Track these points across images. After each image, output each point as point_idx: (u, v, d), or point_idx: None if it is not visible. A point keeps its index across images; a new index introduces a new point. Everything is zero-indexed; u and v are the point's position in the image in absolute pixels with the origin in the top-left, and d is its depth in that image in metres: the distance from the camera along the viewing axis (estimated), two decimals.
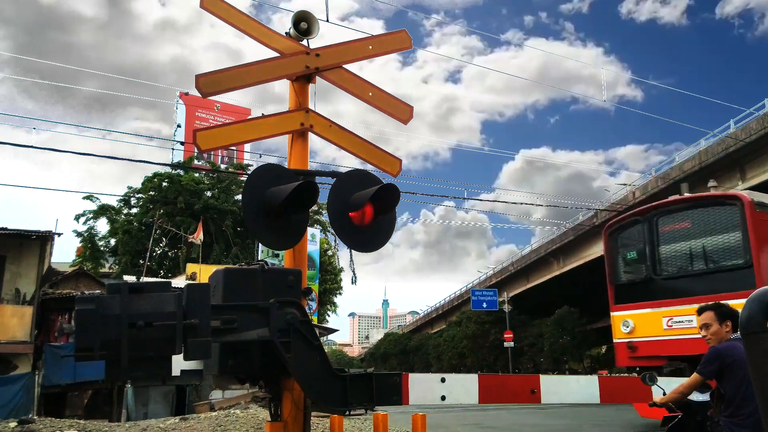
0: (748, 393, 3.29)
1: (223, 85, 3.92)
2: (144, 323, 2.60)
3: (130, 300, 2.61)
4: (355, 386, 3.23)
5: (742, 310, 1.94)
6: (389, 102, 4.56)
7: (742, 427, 3.42)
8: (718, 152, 22.64)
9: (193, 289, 2.76)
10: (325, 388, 3.19)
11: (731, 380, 3.43)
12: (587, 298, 37.65)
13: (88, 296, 2.64)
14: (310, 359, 3.13)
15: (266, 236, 3.84)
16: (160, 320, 2.63)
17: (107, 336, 2.55)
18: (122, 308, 2.58)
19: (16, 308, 16.34)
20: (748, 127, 21.55)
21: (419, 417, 4.14)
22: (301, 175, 3.77)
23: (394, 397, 3.35)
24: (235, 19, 4.12)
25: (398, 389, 3.34)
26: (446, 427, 12.47)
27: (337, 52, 4.32)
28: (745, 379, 3.29)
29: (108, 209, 29.52)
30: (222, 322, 2.87)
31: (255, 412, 11.31)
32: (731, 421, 3.47)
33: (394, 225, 4.06)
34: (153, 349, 2.65)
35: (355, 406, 3.25)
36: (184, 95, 40.07)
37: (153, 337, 2.62)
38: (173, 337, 2.64)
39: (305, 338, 3.10)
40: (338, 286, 31.47)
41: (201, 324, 2.69)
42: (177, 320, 2.65)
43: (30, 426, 8.83)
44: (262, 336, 2.94)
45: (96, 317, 2.54)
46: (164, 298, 2.68)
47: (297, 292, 3.47)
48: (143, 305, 2.63)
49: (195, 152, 27.43)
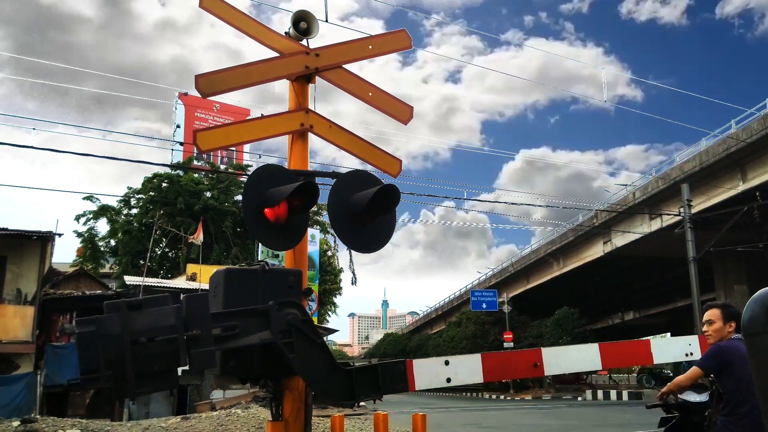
0: (747, 392, 3.31)
1: (223, 86, 3.93)
2: (146, 339, 2.60)
3: (129, 317, 2.62)
4: (361, 379, 3.24)
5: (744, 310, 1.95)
6: (389, 102, 4.57)
7: (738, 426, 3.42)
8: (719, 153, 22.58)
9: (192, 300, 2.77)
10: (332, 383, 3.21)
11: (730, 378, 3.43)
12: (587, 299, 37.72)
13: (88, 318, 2.63)
14: (314, 357, 3.14)
15: (266, 237, 3.84)
16: (161, 335, 2.64)
17: (110, 356, 2.55)
18: (123, 326, 2.59)
19: (18, 308, 16.37)
20: (750, 127, 21.48)
21: (419, 417, 4.15)
22: (301, 176, 3.77)
23: (400, 384, 3.35)
24: (234, 19, 4.13)
25: (404, 376, 3.34)
26: (446, 427, 12.48)
27: (336, 51, 4.33)
28: (744, 378, 3.33)
29: (108, 210, 29.55)
30: (223, 329, 2.87)
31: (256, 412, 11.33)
32: (728, 420, 3.47)
33: (395, 225, 4.06)
34: (158, 363, 2.66)
35: (363, 397, 3.25)
36: (183, 95, 40.06)
37: (156, 351, 2.63)
38: (177, 349, 2.66)
39: (307, 337, 3.10)
40: (338, 287, 31.50)
41: (203, 334, 2.71)
42: (178, 333, 2.66)
43: (32, 425, 8.85)
44: (265, 339, 2.95)
45: (97, 338, 2.55)
46: (164, 312, 2.68)
47: (297, 292, 3.48)
48: (143, 321, 2.63)
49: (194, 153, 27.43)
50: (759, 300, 1.88)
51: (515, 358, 3.83)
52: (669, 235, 23.52)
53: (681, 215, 21.71)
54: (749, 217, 20.40)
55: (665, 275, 32.91)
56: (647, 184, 26.76)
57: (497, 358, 3.72)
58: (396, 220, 4.07)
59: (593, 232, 30.01)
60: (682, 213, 21.52)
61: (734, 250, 22.58)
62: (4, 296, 16.63)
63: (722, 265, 26.75)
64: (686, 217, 21.23)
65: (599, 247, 30.55)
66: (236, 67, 4.04)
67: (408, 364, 3.36)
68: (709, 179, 23.37)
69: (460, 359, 3.59)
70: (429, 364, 3.48)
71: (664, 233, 24.56)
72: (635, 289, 38.98)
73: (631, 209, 26.72)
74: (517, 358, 3.81)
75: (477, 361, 3.57)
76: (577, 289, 35.52)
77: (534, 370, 3.70)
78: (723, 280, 27.22)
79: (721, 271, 27.12)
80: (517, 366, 3.75)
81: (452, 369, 3.49)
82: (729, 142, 21.96)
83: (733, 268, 26.51)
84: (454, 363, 3.52)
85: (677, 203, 22.61)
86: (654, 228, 25.99)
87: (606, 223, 28.64)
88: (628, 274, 34.42)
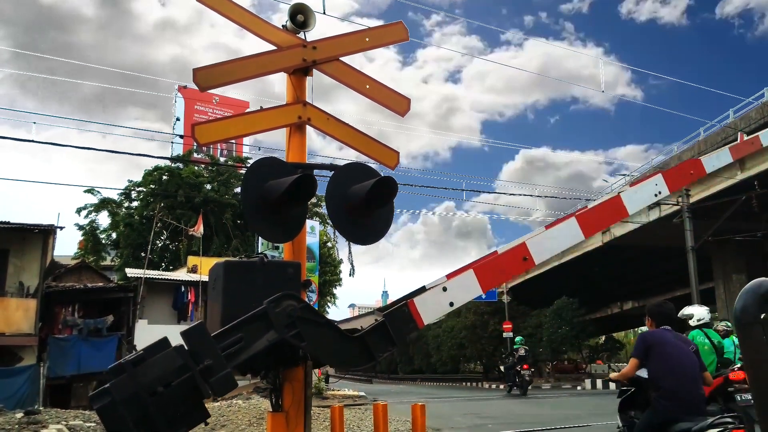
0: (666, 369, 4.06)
1: (221, 79, 3.94)
2: (163, 387, 2.64)
3: (137, 374, 2.63)
4: (374, 337, 3.28)
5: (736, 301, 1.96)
6: (386, 94, 4.57)
7: (664, 399, 4.03)
8: (717, 142, 22.51)
9: (191, 333, 2.80)
10: (349, 353, 3.26)
11: (654, 360, 4.15)
12: (586, 289, 37.80)
13: (99, 391, 2.62)
14: (324, 337, 3.19)
15: (265, 229, 3.87)
16: (175, 377, 2.67)
17: (136, 415, 2.57)
18: (135, 384, 2.60)
19: (21, 301, 16.45)
20: (747, 117, 21.44)
21: (418, 407, 4.19)
22: (300, 168, 3.79)
23: (410, 325, 3.42)
24: (231, 12, 4.13)
25: (410, 317, 3.42)
26: (446, 417, 12.58)
27: (334, 44, 4.33)
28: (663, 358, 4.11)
29: (109, 203, 29.59)
30: (229, 345, 2.90)
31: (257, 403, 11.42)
32: (656, 395, 4.11)
33: (392, 217, 4.09)
34: (183, 404, 2.71)
35: (381, 354, 3.31)
36: (182, 89, 40.00)
37: (177, 394, 2.67)
38: (196, 385, 2.71)
39: (311, 321, 3.14)
40: (338, 278, 31.56)
41: (214, 361, 2.75)
42: (191, 369, 2.69)
43: (36, 417, 8.93)
44: (272, 339, 2.98)
45: (117, 406, 2.57)
46: (168, 356, 2.70)
47: (297, 284, 3.51)
48: (152, 371, 2.65)
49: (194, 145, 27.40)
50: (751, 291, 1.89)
51: (505, 259, 3.84)
52: (667, 225, 23.53)
53: (679, 204, 21.72)
54: (748, 207, 20.39)
55: (664, 265, 32.94)
56: (645, 174, 26.73)
57: (489, 266, 3.76)
58: (394, 211, 4.09)
59: None
60: (681, 202, 21.52)
61: (733, 240, 22.56)
62: (6, 289, 16.72)
63: (721, 255, 26.77)
64: (684, 206, 21.25)
65: (598, 237, 30.54)
66: (233, 60, 4.04)
67: (410, 305, 3.43)
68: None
69: (455, 281, 3.64)
70: (429, 297, 3.55)
71: (663, 223, 24.58)
72: (634, 278, 39.08)
73: None
74: (506, 259, 3.83)
75: (471, 277, 3.63)
76: (576, 279, 35.60)
77: (525, 263, 3.77)
78: (722, 269, 27.25)
79: (720, 260, 27.15)
80: (509, 266, 3.79)
81: (451, 293, 3.56)
82: (727, 131, 21.92)
83: (732, 258, 26.51)
84: (451, 286, 3.58)
85: (675, 193, 22.61)
86: (652, 218, 25.99)
87: None
88: (627, 264, 34.49)
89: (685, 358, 4.13)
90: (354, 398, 18.83)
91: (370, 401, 17.18)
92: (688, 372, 4.07)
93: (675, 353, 4.13)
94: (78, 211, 29.04)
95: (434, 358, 43.37)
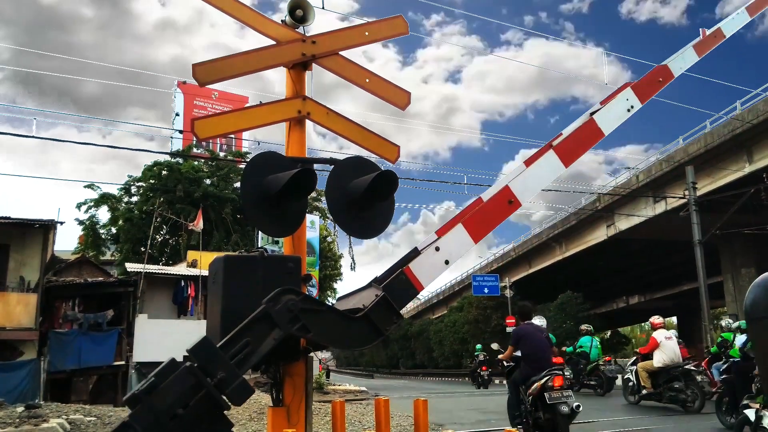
0: (532, 349, 6.68)
1: (220, 74, 3.90)
2: (182, 409, 2.67)
3: (153, 400, 2.65)
4: (378, 313, 3.28)
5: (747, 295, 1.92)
6: (386, 88, 4.54)
7: (530, 368, 6.55)
8: (724, 134, 22.26)
9: (197, 349, 2.80)
10: (357, 334, 3.26)
11: (522, 344, 6.80)
12: (591, 283, 37.64)
13: (122, 425, 2.65)
14: (328, 322, 3.20)
15: (265, 224, 3.85)
16: (191, 397, 2.69)
17: None
18: (154, 412, 2.63)
19: (21, 296, 16.48)
20: (755, 108, 21.15)
21: (420, 402, 4.17)
22: (299, 163, 3.76)
23: (410, 291, 3.45)
24: (230, 8, 4.10)
25: (409, 283, 3.44)
26: (449, 411, 12.59)
27: (333, 38, 4.29)
28: (529, 343, 6.72)
29: (109, 198, 29.56)
30: (237, 352, 2.90)
31: (258, 397, 11.42)
32: (525, 364, 6.70)
33: (393, 211, 4.06)
34: (205, 421, 2.74)
35: (388, 327, 3.32)
36: (182, 84, 39.90)
37: (198, 412, 2.70)
38: (213, 400, 2.73)
39: (313, 311, 3.13)
40: (338, 272, 31.53)
41: (226, 373, 2.77)
42: (205, 386, 2.71)
43: (36, 411, 8.94)
44: (278, 336, 2.98)
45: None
46: (180, 377, 2.72)
47: (297, 278, 3.49)
48: (168, 395, 2.68)
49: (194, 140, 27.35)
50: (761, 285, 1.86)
51: (490, 206, 3.83)
52: (674, 218, 23.28)
53: (686, 198, 21.52)
54: (756, 199, 20.02)
55: (671, 259, 32.77)
56: (651, 167, 26.50)
57: (476, 216, 3.75)
58: (394, 206, 4.06)
59: (596, 215, 29.85)
60: (687, 195, 21.34)
61: (741, 233, 22.17)
62: (7, 284, 16.73)
63: (729, 248, 26.46)
64: (691, 199, 21.05)
65: (602, 230, 30.45)
66: (233, 55, 4.01)
67: (407, 271, 3.45)
68: (714, 161, 23.10)
69: (446, 238, 3.67)
70: (423, 259, 3.57)
71: (669, 216, 24.38)
72: (640, 272, 38.79)
73: (635, 192, 26.45)
74: (492, 206, 3.82)
75: (461, 232, 3.64)
76: (580, 273, 35.38)
77: (511, 206, 3.78)
78: (730, 263, 26.94)
79: (728, 254, 26.85)
80: (496, 212, 3.78)
81: (445, 251, 3.58)
82: (734, 123, 21.66)
83: (741, 251, 26.18)
84: (443, 244, 3.61)
85: (682, 186, 22.41)
86: (658, 211, 25.80)
87: (609, 207, 28.43)
88: (633, 258, 34.28)
89: (539, 341, 6.79)
90: (355, 393, 18.86)
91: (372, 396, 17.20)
92: (541, 348, 6.72)
93: (534, 338, 6.79)
94: (78, 206, 29.07)
95: (436, 352, 43.32)
